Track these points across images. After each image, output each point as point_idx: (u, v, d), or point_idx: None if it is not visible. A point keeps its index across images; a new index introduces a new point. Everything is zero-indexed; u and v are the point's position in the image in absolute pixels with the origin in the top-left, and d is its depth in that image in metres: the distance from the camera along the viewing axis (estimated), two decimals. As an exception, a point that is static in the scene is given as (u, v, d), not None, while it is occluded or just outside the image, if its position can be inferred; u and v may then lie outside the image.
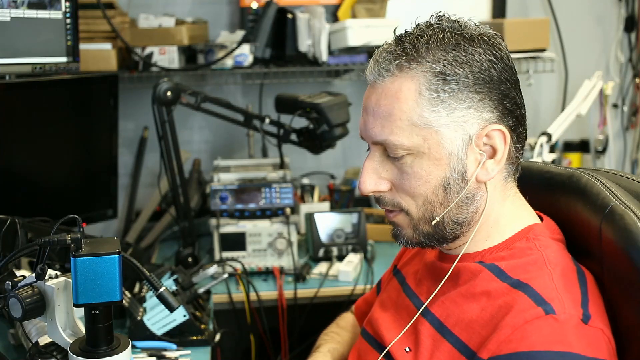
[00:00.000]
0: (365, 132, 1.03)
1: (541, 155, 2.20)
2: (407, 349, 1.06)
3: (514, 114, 1.01)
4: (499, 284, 0.99)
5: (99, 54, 2.21)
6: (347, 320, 1.46)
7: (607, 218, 0.96)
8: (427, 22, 1.02)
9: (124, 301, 1.60)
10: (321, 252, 2.12)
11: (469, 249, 1.05)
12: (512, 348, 0.91)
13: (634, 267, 0.90)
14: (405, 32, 1.02)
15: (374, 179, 1.03)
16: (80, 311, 1.03)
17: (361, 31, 2.31)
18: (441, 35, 0.98)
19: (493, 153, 1.00)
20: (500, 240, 1.04)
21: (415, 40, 0.98)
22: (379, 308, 1.22)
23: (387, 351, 1.09)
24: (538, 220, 1.07)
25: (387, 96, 0.99)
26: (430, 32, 0.99)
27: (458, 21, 1.01)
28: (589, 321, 0.92)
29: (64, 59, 1.76)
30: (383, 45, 1.03)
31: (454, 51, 0.97)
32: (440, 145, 0.98)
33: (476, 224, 1.03)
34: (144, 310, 1.58)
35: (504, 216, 1.05)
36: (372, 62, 1.02)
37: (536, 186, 1.13)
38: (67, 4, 1.73)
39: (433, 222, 1.01)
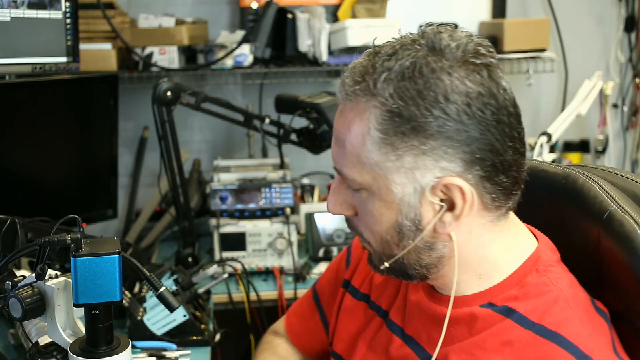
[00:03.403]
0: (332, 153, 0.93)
1: (541, 155, 2.20)
2: None
3: (487, 162, 0.84)
4: (522, 331, 0.86)
5: (99, 54, 2.21)
6: (284, 349, 1.29)
7: (606, 224, 0.92)
8: (407, 37, 0.88)
9: (124, 301, 1.60)
10: (321, 252, 2.12)
11: (464, 290, 0.92)
12: None
13: (634, 275, 0.88)
14: (383, 45, 0.88)
15: (339, 201, 0.94)
16: (80, 311, 1.03)
17: (361, 31, 2.31)
18: (410, 62, 0.83)
19: (453, 206, 0.86)
20: (503, 277, 0.91)
21: (384, 63, 0.85)
22: (365, 346, 1.06)
23: None
24: (535, 242, 0.95)
25: (343, 124, 0.88)
26: (402, 54, 0.84)
27: (445, 39, 0.84)
28: None
29: (64, 59, 1.75)
30: (363, 54, 0.90)
31: (419, 84, 0.82)
32: (389, 190, 0.86)
33: (448, 267, 0.90)
34: (144, 310, 1.59)
35: (495, 255, 0.91)
36: (342, 76, 0.89)
37: (531, 185, 1.09)
38: (67, 4, 1.72)
39: (390, 262, 0.91)
